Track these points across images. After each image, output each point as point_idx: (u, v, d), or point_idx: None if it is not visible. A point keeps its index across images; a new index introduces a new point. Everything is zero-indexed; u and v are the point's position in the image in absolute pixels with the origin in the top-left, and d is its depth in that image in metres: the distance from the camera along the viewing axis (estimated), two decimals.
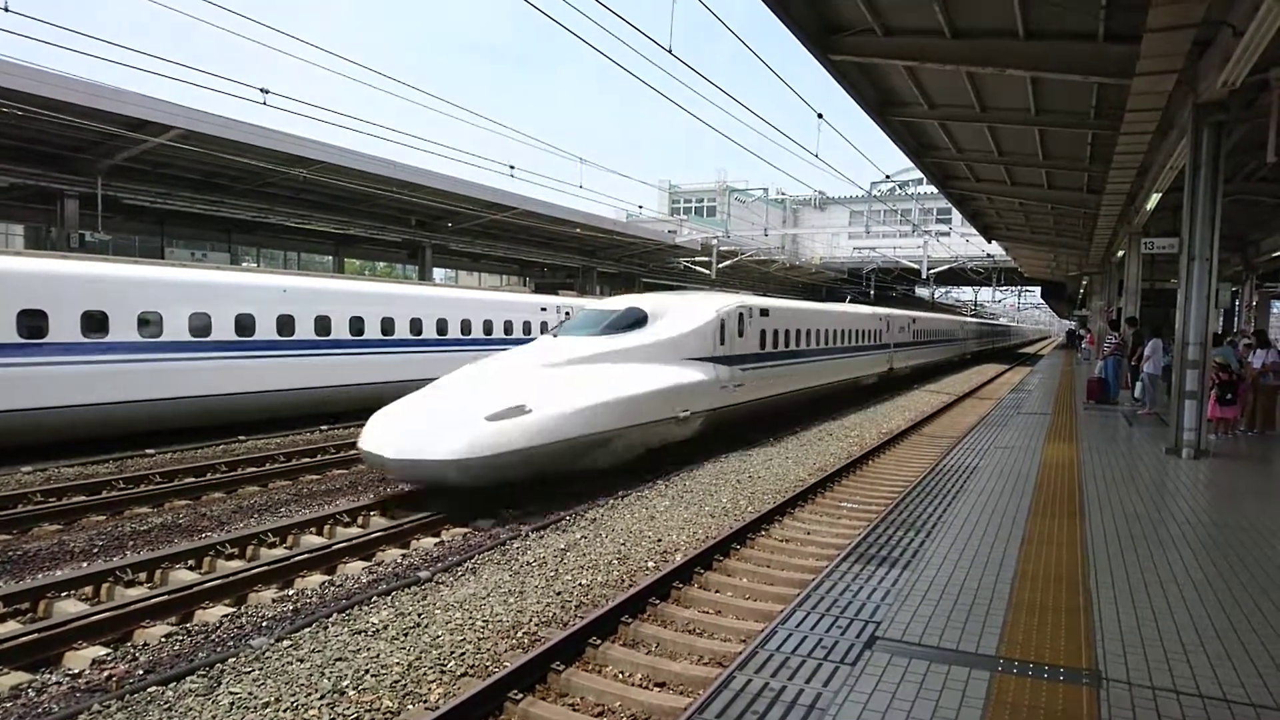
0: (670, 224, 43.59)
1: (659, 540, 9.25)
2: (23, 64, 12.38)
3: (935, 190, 21.78)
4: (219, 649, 6.16)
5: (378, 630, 6.48)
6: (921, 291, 60.08)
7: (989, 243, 31.93)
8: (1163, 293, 24.63)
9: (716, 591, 7.89)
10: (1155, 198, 14.54)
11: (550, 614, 7.03)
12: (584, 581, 7.85)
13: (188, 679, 5.59)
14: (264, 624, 6.68)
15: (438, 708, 5.26)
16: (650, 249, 35.83)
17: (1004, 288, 63.57)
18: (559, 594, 7.49)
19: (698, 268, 34.47)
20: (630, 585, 7.78)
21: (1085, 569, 5.58)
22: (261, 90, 11.46)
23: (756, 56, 11.44)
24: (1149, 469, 9.48)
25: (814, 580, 5.72)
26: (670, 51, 9.43)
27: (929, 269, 40.69)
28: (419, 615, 6.80)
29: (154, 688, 5.47)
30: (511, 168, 18.31)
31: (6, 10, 9.89)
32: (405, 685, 5.64)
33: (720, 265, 33.75)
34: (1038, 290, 65.93)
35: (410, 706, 5.40)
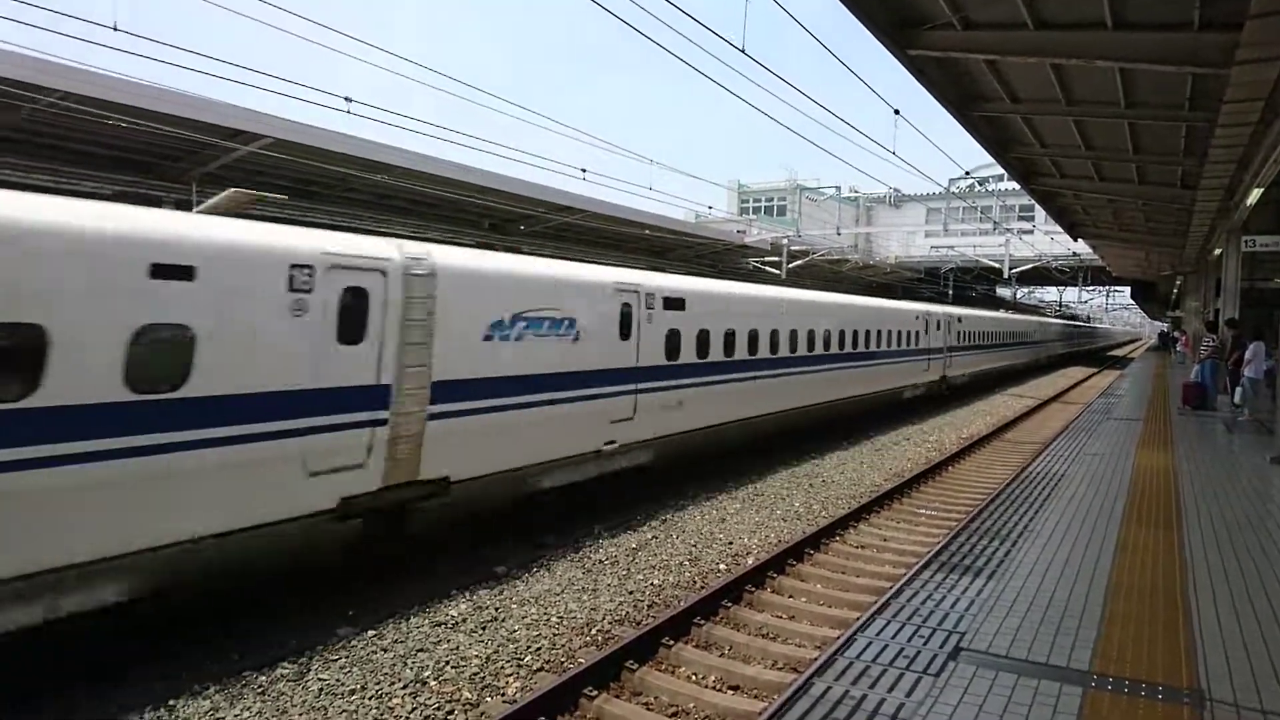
0: (739, 224, 43.34)
1: (730, 543, 9.21)
2: (126, 78, 13.12)
3: (1018, 186, 21.03)
4: (309, 637, 6.39)
5: (457, 623, 6.65)
6: (1003, 291, 58.09)
7: (1075, 241, 30.62)
8: (1265, 292, 23.18)
9: (790, 596, 7.82)
10: (1257, 192, 13.68)
11: (623, 612, 7.09)
12: (655, 581, 7.88)
13: (280, 664, 5.85)
14: (350, 613, 6.92)
15: (515, 701, 5.37)
16: (719, 249, 35.70)
17: (1091, 288, 60.78)
18: (631, 593, 7.54)
19: (768, 268, 34.18)
20: (702, 587, 7.78)
21: (1184, 581, 5.31)
22: (345, 99, 11.91)
23: (830, 53, 11.28)
24: (1251, 478, 8.95)
25: (892, 588, 5.62)
26: (744, 51, 9.39)
27: (1011, 268, 39.26)
28: (496, 609, 6.95)
29: (248, 672, 5.75)
30: (583, 171, 18.53)
31: (115, 29, 10.51)
32: (484, 678, 5.77)
33: (791, 265, 33.37)
34: (1127, 290, 62.96)
35: (489, 699, 5.53)
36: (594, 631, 6.69)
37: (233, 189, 8.23)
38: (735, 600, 7.43)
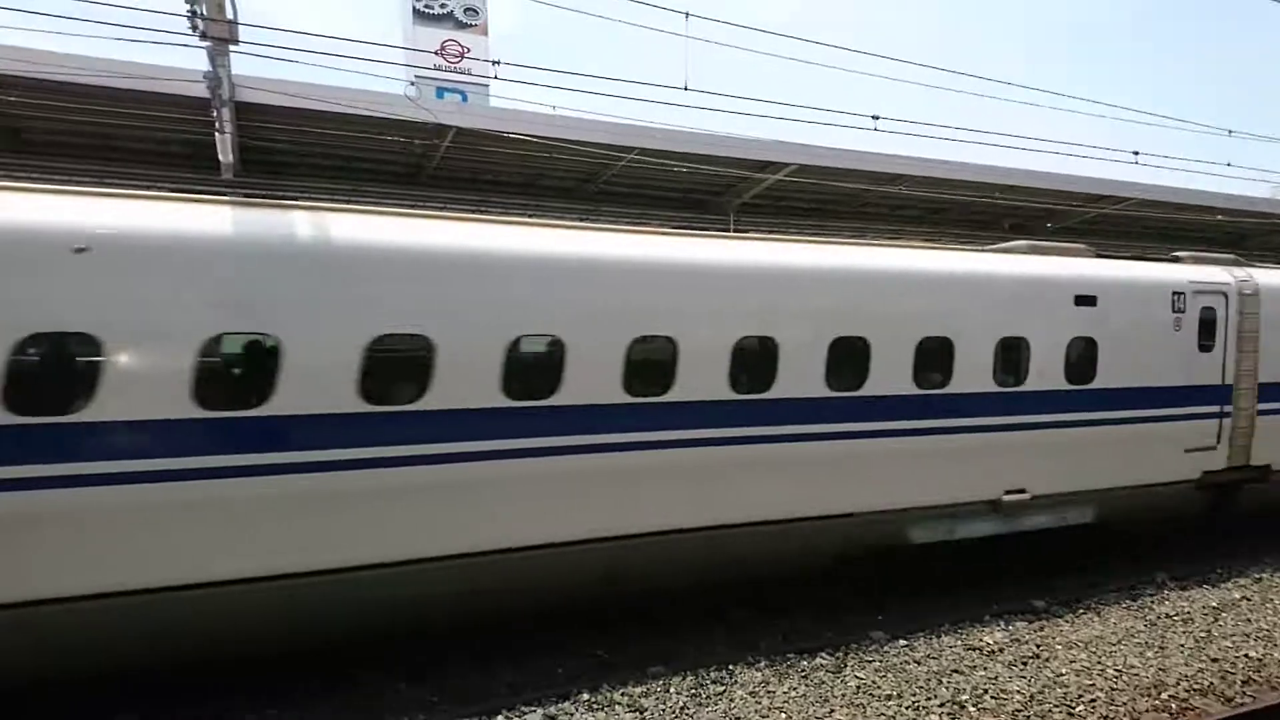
0: None
1: None
2: (691, 130, 15.64)
3: None
4: (844, 633, 6.73)
5: (993, 651, 6.31)
6: None
7: None
8: None
9: None
10: None
11: (1204, 681, 5.90)
12: (1251, 653, 6.38)
13: (819, 654, 6.28)
14: (878, 618, 7.10)
15: None
16: None
17: None
18: (1215, 660, 6.23)
19: None
20: None
21: None
22: (873, 117, 12.27)
23: None
24: None
25: None
26: None
27: None
28: (1037, 646, 6.41)
29: (791, 655, 6.29)
30: (1135, 154, 15.97)
31: (686, 89, 12.54)
32: (1028, 717, 5.36)
33: None
34: None
35: None
36: (1164, 696, 5.69)
37: None
38: None
